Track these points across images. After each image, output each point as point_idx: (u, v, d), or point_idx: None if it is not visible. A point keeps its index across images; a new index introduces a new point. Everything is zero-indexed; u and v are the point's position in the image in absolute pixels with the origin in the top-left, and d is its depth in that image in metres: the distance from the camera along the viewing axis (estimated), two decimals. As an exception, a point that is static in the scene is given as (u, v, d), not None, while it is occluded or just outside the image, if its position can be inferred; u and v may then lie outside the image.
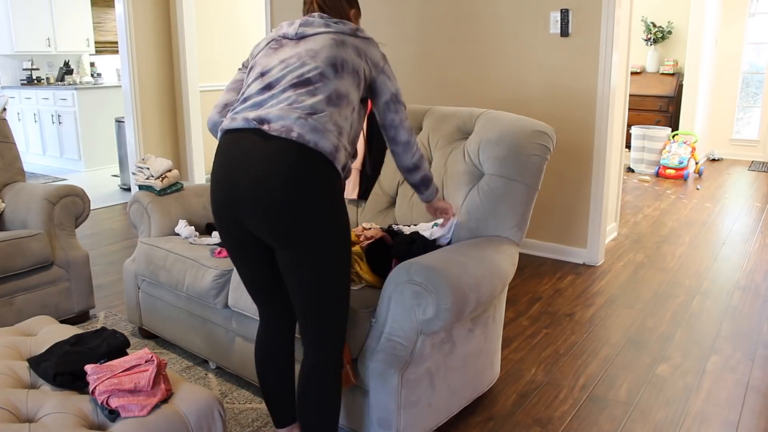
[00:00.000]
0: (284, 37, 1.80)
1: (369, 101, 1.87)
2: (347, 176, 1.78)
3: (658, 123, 7.58)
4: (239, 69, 1.95)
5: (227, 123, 1.70)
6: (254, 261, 1.79)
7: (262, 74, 1.75)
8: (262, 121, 1.63)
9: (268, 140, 1.60)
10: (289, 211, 1.58)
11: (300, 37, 1.77)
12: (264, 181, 1.57)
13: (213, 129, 1.89)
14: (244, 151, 1.62)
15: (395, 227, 2.40)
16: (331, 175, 1.64)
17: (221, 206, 1.69)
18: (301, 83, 1.68)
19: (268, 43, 1.82)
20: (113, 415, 1.52)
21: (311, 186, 1.59)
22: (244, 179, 1.60)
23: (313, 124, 1.62)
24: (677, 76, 7.61)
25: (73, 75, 7.85)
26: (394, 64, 4.57)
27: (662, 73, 7.73)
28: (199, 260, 2.47)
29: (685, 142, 6.82)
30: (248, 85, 1.77)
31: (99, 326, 2.82)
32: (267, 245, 1.74)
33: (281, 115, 1.62)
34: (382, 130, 1.89)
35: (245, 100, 1.73)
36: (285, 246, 1.63)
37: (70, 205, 3.03)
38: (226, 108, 1.89)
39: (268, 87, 1.71)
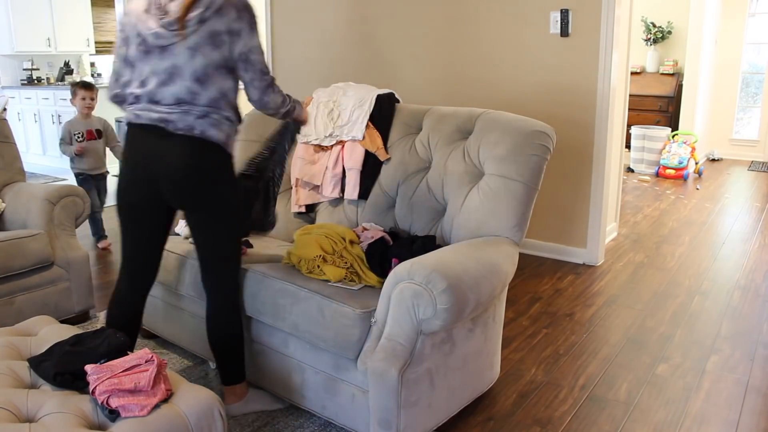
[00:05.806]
0: None
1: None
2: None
3: (658, 123, 7.58)
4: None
5: None
6: None
7: None
8: None
9: None
10: None
11: None
12: None
13: None
14: None
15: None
16: None
17: None
18: None
19: None
20: (113, 415, 1.52)
21: None
22: None
23: None
24: (677, 76, 7.61)
25: (74, 75, 7.85)
26: (394, 64, 4.57)
27: (662, 73, 7.73)
28: (199, 260, 2.46)
29: (684, 142, 6.82)
30: None
31: (99, 326, 2.81)
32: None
33: None
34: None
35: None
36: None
37: (70, 205, 3.03)
38: None
39: None
